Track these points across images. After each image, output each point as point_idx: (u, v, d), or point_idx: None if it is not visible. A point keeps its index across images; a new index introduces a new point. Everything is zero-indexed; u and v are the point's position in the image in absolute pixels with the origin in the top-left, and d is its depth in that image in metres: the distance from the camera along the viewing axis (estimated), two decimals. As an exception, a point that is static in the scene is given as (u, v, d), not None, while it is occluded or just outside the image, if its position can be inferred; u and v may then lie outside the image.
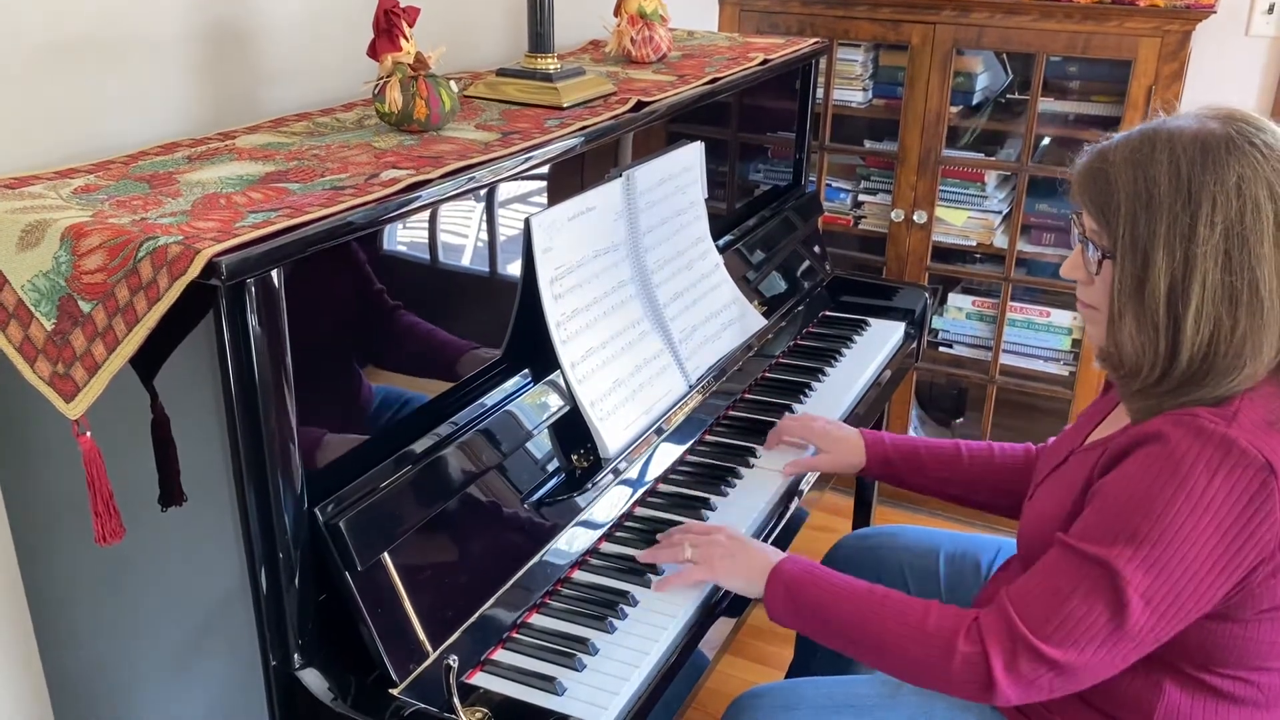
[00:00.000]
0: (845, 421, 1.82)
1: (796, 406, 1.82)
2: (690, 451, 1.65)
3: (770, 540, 1.50)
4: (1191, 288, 1.08)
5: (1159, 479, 1.07)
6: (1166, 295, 1.09)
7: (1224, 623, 1.12)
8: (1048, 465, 1.32)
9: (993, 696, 1.13)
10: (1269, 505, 1.04)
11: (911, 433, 2.89)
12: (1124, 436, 1.13)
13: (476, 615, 1.23)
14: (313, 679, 1.12)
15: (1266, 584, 1.09)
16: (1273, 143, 1.08)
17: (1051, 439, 1.46)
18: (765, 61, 1.95)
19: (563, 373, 1.45)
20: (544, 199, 1.47)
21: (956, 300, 2.82)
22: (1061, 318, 2.71)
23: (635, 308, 1.62)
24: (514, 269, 1.43)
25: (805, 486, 1.65)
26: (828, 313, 2.20)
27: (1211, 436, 1.06)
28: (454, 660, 1.12)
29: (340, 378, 1.19)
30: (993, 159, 2.69)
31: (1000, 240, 2.70)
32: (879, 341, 2.09)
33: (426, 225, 1.28)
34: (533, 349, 1.45)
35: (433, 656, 1.16)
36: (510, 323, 1.44)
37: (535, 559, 1.33)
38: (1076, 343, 2.70)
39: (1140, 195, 1.09)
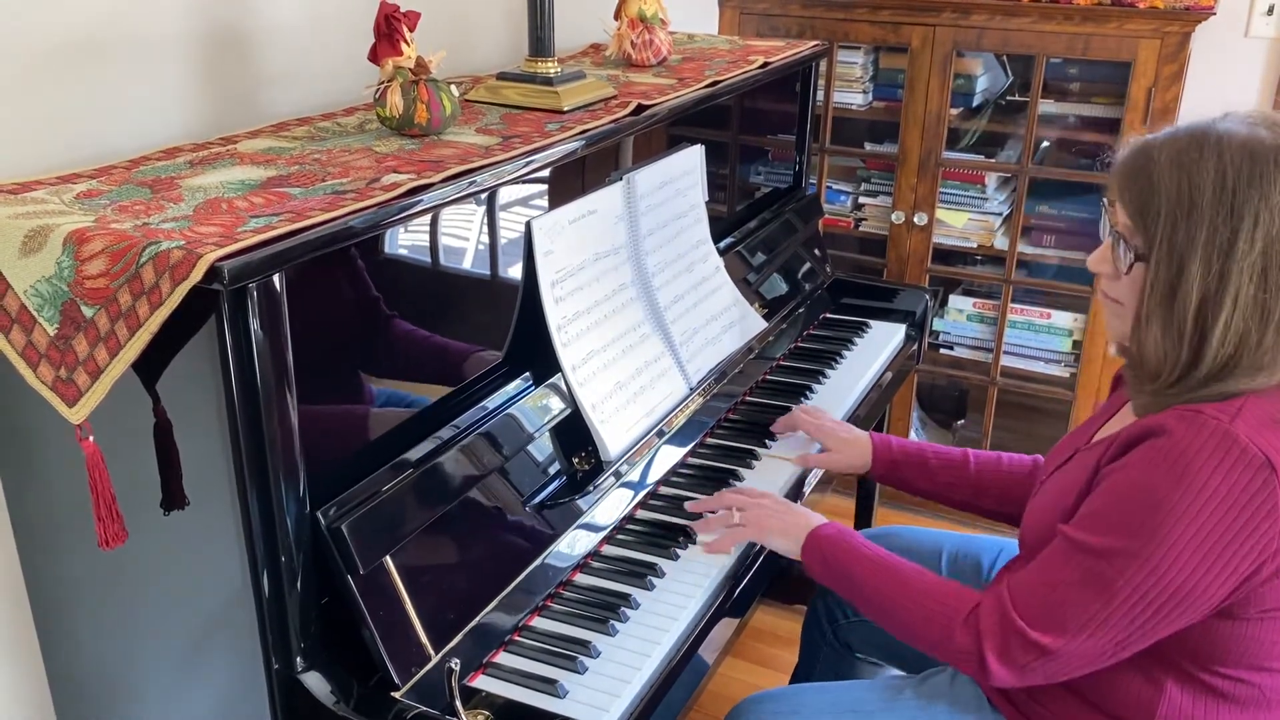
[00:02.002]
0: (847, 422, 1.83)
1: (798, 409, 1.82)
2: (691, 454, 1.66)
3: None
4: (1224, 301, 1.07)
5: (1159, 473, 1.07)
6: (1197, 306, 1.08)
7: (1226, 620, 1.12)
8: (1052, 464, 1.33)
9: (988, 679, 1.18)
10: (1270, 504, 1.04)
11: (913, 435, 2.89)
12: (1129, 430, 1.13)
13: (478, 618, 1.23)
14: (315, 682, 1.13)
15: (1270, 584, 1.09)
16: None
17: (1050, 453, 1.46)
18: (765, 64, 1.95)
19: (564, 376, 1.46)
20: (545, 202, 1.47)
21: (957, 302, 2.82)
22: (1062, 319, 2.71)
23: (636, 310, 1.63)
24: (515, 272, 1.43)
25: (808, 489, 1.65)
26: (828, 315, 2.20)
27: (1214, 431, 1.06)
28: (456, 663, 1.12)
29: (342, 381, 1.19)
30: (993, 161, 2.69)
31: (1001, 242, 2.70)
32: (880, 343, 2.09)
33: (428, 229, 1.28)
34: (534, 352, 1.45)
35: (435, 659, 1.17)
36: (511, 326, 1.44)
37: (537, 562, 1.33)
38: (1077, 344, 2.70)
39: (1183, 202, 1.08)
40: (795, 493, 1.61)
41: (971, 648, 1.18)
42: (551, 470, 1.42)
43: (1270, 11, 2.51)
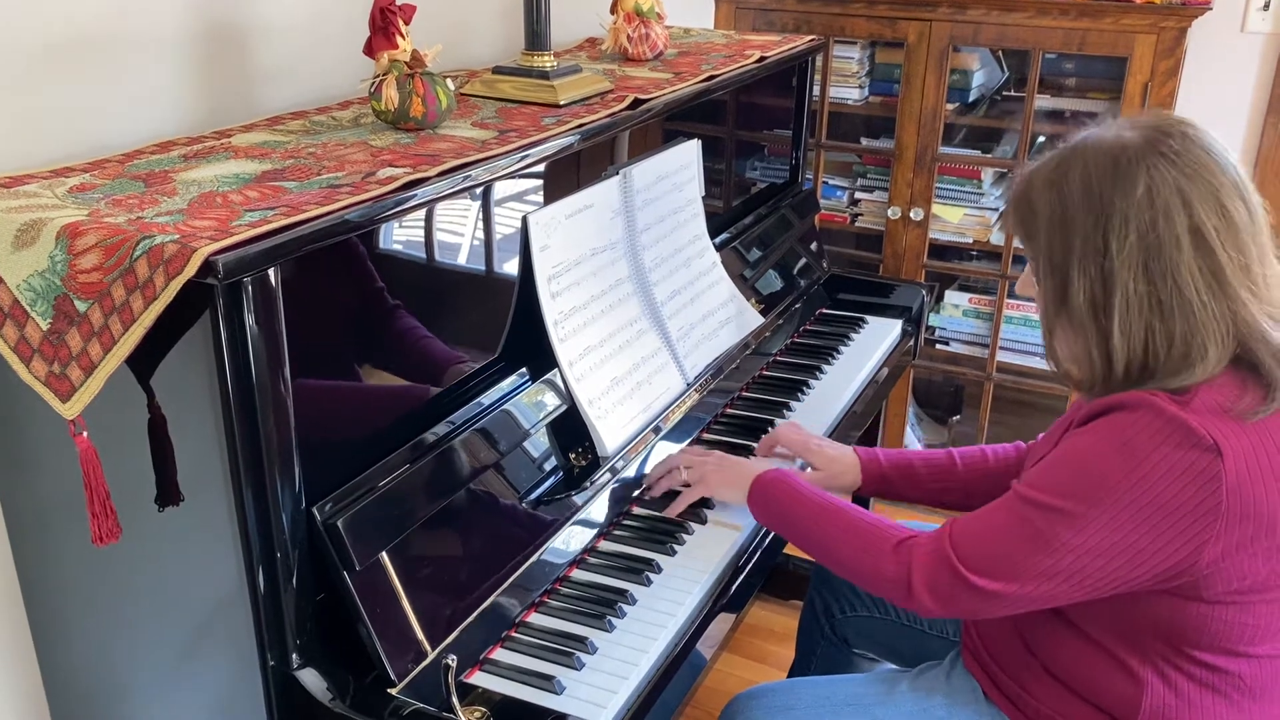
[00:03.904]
0: (842, 419, 1.83)
1: (794, 404, 1.82)
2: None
3: (770, 538, 1.50)
4: (1113, 301, 1.10)
5: (1109, 447, 1.10)
6: (1089, 310, 1.12)
7: (1193, 602, 1.13)
8: (1032, 460, 1.34)
9: (912, 604, 1.22)
10: (1213, 486, 1.06)
11: (908, 430, 2.90)
12: (1088, 407, 1.16)
13: (475, 614, 1.23)
14: (311, 679, 1.12)
15: (1227, 563, 1.09)
16: (1182, 149, 1.09)
17: (1042, 435, 1.46)
18: (762, 59, 1.95)
19: (560, 371, 1.45)
20: (541, 197, 1.46)
21: (953, 297, 2.82)
22: (1058, 315, 2.71)
23: (633, 306, 1.62)
24: (511, 267, 1.43)
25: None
26: (825, 310, 2.20)
27: (1164, 413, 1.08)
28: (452, 659, 1.12)
29: (337, 376, 1.19)
30: (989, 156, 2.69)
31: (997, 237, 2.70)
32: (876, 339, 2.09)
33: (423, 224, 1.28)
34: (530, 347, 1.44)
35: (431, 656, 1.16)
36: (507, 321, 1.44)
37: (534, 558, 1.33)
38: (1073, 340, 2.70)
39: (1055, 216, 1.13)
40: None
41: (901, 573, 1.21)
42: (548, 466, 1.42)
43: (1266, 7, 2.51)
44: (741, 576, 1.43)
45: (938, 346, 2.86)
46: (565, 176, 1.51)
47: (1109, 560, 1.10)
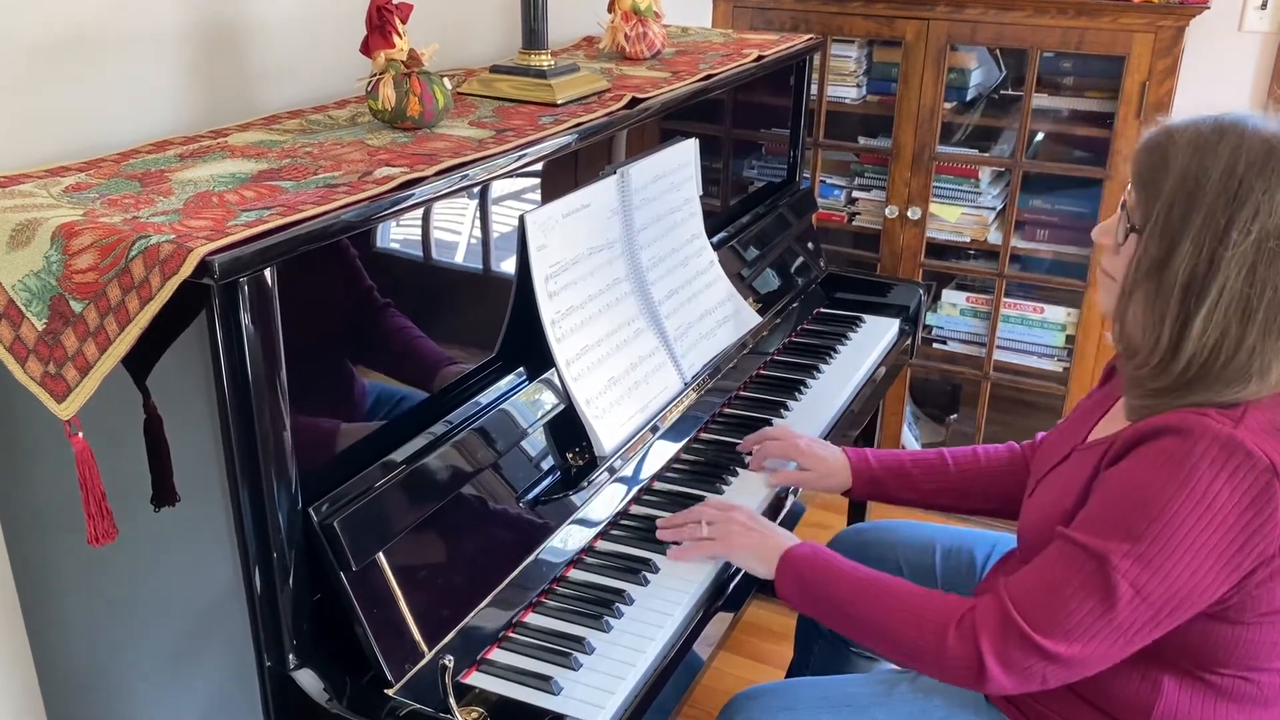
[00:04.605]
0: (840, 418, 1.83)
1: (792, 404, 1.82)
2: (685, 449, 1.65)
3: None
4: (1209, 288, 1.06)
5: (1162, 475, 1.06)
6: (1183, 288, 1.07)
7: (1224, 624, 1.12)
8: (1048, 461, 1.32)
9: (985, 685, 1.14)
10: (1271, 507, 1.04)
11: (905, 430, 2.90)
12: (1131, 431, 1.12)
13: (472, 615, 1.23)
14: (308, 679, 1.12)
15: (1265, 587, 1.09)
16: None
17: (1040, 434, 1.46)
18: (759, 58, 1.95)
19: (557, 371, 1.45)
20: (538, 196, 1.46)
21: (950, 297, 2.82)
22: (1055, 314, 2.72)
23: (630, 305, 1.62)
24: (508, 267, 1.42)
25: (793, 496, 1.64)
26: (822, 309, 2.20)
27: (1218, 435, 1.05)
28: (450, 660, 1.11)
29: (334, 377, 1.19)
30: (986, 155, 2.69)
31: (994, 236, 2.70)
32: (873, 338, 2.09)
33: (420, 223, 1.28)
34: (527, 347, 1.44)
35: (428, 656, 1.16)
36: (504, 321, 1.43)
37: (531, 558, 1.32)
38: (1070, 339, 2.70)
39: (1188, 181, 1.07)
40: (789, 488, 1.61)
41: (969, 652, 1.14)
42: (545, 466, 1.41)
43: (1264, 5, 2.51)
44: (739, 575, 1.43)
45: (935, 345, 2.86)
46: (563, 176, 1.51)
47: (1176, 594, 1.06)
